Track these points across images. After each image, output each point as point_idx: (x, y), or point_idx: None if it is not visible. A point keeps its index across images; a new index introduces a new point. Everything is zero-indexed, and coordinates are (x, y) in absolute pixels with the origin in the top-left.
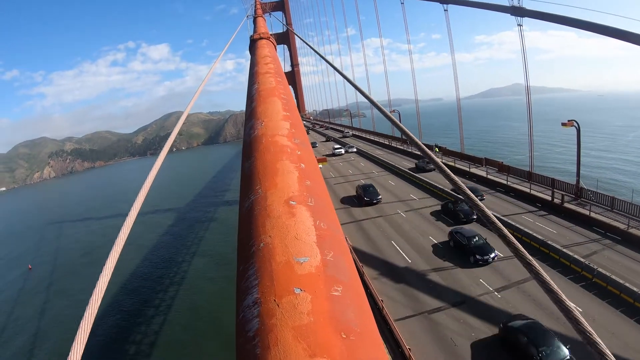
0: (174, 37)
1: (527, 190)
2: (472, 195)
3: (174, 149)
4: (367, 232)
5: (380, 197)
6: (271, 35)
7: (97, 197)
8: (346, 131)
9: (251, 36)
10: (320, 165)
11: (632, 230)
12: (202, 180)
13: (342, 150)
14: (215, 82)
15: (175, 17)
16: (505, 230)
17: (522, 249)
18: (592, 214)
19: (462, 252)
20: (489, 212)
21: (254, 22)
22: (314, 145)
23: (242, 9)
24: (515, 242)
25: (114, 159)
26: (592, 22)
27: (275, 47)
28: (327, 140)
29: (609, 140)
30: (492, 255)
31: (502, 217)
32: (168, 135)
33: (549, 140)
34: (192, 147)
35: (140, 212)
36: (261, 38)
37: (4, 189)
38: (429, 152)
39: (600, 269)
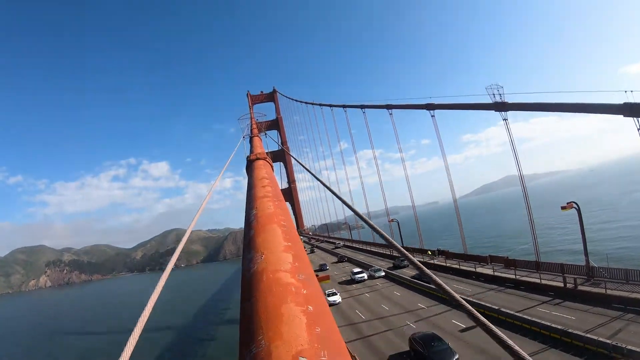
0: (173, 155)
1: (538, 280)
2: (447, 288)
3: (174, 267)
4: None
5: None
6: (267, 154)
7: (95, 311)
8: (338, 242)
9: (248, 156)
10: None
11: None
12: (202, 298)
13: (365, 275)
14: (214, 199)
15: (175, 136)
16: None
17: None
18: (609, 291)
19: None
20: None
21: (250, 141)
22: (323, 268)
23: (238, 128)
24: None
25: (112, 273)
26: (569, 102)
27: (272, 166)
28: (339, 262)
29: (609, 211)
30: None
31: (516, 314)
32: (167, 251)
33: (550, 224)
34: (191, 264)
35: (152, 329)
36: (258, 158)
37: None
38: (406, 252)
39: (629, 347)
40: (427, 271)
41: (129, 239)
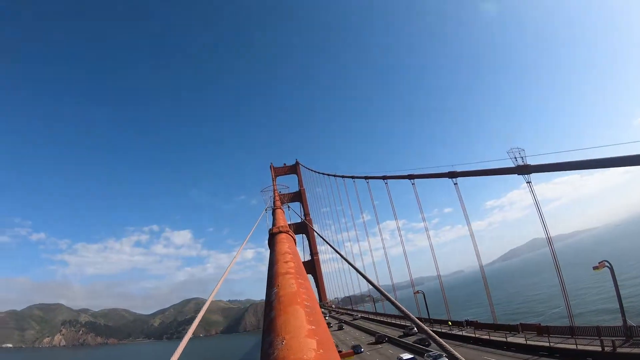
0: (196, 224)
1: (574, 346)
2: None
3: (192, 336)
4: None
5: None
6: (290, 226)
7: None
8: (356, 315)
9: (270, 229)
10: None
11: None
12: None
13: None
14: (235, 270)
15: (198, 205)
16: None
17: None
18: None
19: None
20: None
21: (273, 214)
22: (357, 350)
23: (261, 200)
24: None
25: (129, 338)
26: (595, 159)
27: (294, 240)
28: (377, 342)
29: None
30: None
31: None
32: (185, 320)
33: (581, 284)
34: (210, 334)
35: None
36: (280, 232)
37: (10, 345)
38: (424, 326)
39: None
40: (440, 340)
41: (148, 305)
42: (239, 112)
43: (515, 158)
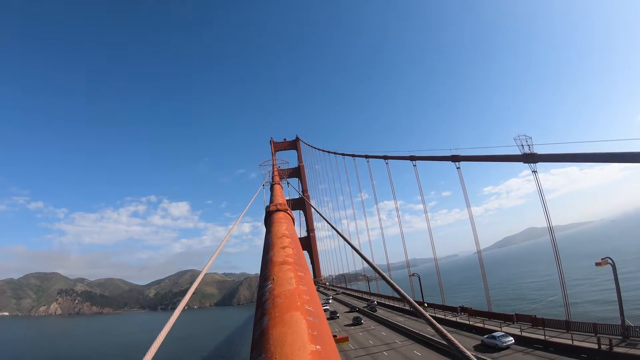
0: (194, 197)
1: (569, 341)
2: (460, 346)
3: (186, 307)
4: None
5: None
6: (288, 201)
7: (102, 346)
8: (338, 290)
9: (267, 207)
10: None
11: None
12: (212, 342)
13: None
14: (231, 243)
15: (197, 177)
16: None
17: None
18: None
19: None
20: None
21: (271, 189)
22: (358, 322)
23: (259, 174)
24: None
25: (124, 308)
26: (605, 152)
27: (293, 219)
28: (351, 311)
29: (632, 265)
30: None
31: None
32: (181, 292)
33: (576, 277)
34: (204, 307)
35: None
36: (278, 210)
37: (6, 313)
38: (419, 307)
39: None
40: (438, 325)
41: (144, 276)
42: (244, 86)
43: (522, 146)
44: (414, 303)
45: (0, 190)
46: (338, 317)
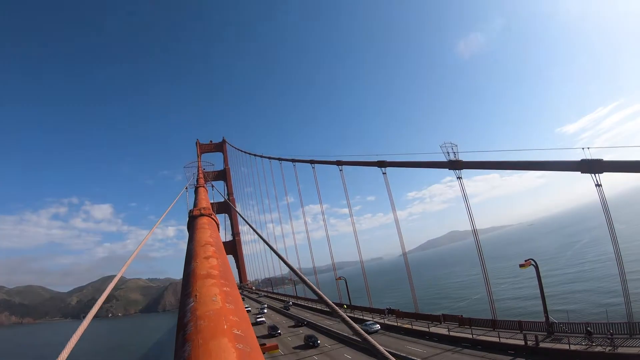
0: (117, 199)
1: (496, 339)
2: (373, 342)
3: (110, 315)
4: None
5: None
6: (213, 204)
7: None
8: (288, 301)
9: (190, 211)
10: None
11: (621, 350)
12: (137, 351)
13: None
14: (155, 248)
15: (120, 178)
16: None
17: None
18: (572, 347)
19: None
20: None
21: (195, 192)
22: (274, 333)
23: (184, 177)
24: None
25: (45, 317)
26: (527, 161)
27: (217, 224)
28: (297, 325)
29: (553, 263)
30: None
31: None
32: (106, 299)
33: (498, 276)
34: (129, 314)
35: None
36: (202, 215)
37: None
38: (337, 308)
39: None
40: (354, 324)
41: (66, 282)
42: (172, 84)
43: (448, 153)
44: (332, 304)
45: None
46: (280, 333)
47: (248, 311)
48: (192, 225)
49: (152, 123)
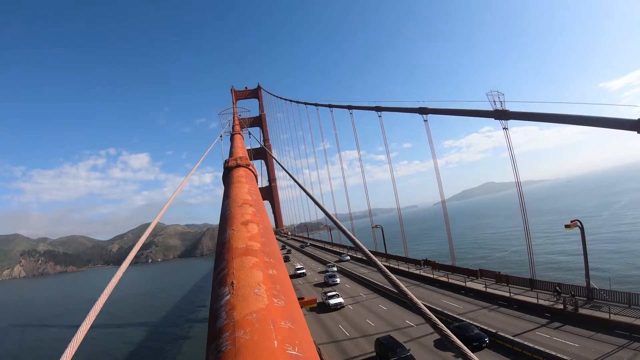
0: (154, 148)
1: (534, 300)
2: (412, 296)
3: (150, 260)
4: None
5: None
6: (249, 151)
7: (62, 304)
8: (305, 242)
9: (226, 161)
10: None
11: None
12: (177, 294)
13: (337, 280)
14: (193, 194)
15: (157, 127)
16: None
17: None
18: (612, 316)
19: None
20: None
21: (231, 139)
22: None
23: (219, 124)
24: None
25: (88, 265)
26: (577, 115)
27: (256, 175)
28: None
29: (585, 223)
30: None
31: (515, 339)
32: (145, 245)
33: (534, 231)
34: (167, 259)
35: (109, 325)
36: (238, 165)
37: None
38: (374, 257)
39: None
40: (391, 275)
41: (106, 231)
42: (204, 31)
43: (495, 102)
44: (369, 253)
45: None
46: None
47: (301, 274)
48: (227, 178)
49: (185, 69)
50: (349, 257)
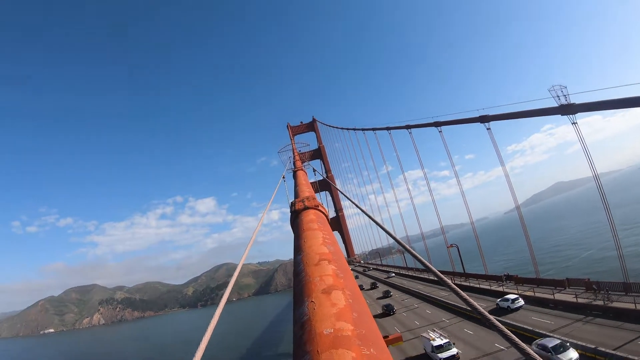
0: (219, 191)
1: (632, 305)
2: (488, 314)
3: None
4: None
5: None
6: (313, 184)
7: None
8: (390, 273)
9: (292, 204)
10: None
11: None
12: (255, 331)
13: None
14: (261, 232)
15: (220, 172)
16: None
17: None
18: None
19: None
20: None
21: (294, 176)
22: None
23: (280, 161)
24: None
25: (164, 309)
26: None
27: (327, 216)
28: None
29: None
30: None
31: (616, 353)
32: (218, 286)
33: (620, 225)
34: (242, 297)
35: None
36: (306, 208)
37: (52, 330)
38: (443, 277)
39: None
40: (463, 294)
41: (180, 276)
42: (251, 81)
43: (558, 97)
44: (438, 273)
45: (31, 212)
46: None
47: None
48: (296, 223)
49: (241, 117)
50: (393, 274)
